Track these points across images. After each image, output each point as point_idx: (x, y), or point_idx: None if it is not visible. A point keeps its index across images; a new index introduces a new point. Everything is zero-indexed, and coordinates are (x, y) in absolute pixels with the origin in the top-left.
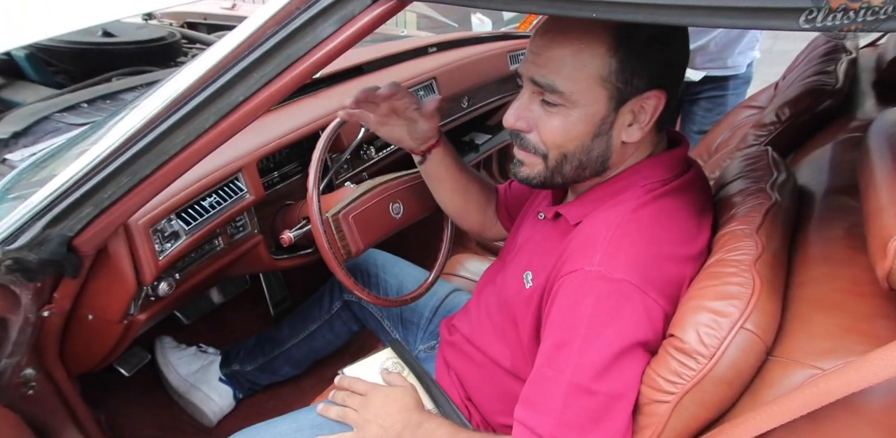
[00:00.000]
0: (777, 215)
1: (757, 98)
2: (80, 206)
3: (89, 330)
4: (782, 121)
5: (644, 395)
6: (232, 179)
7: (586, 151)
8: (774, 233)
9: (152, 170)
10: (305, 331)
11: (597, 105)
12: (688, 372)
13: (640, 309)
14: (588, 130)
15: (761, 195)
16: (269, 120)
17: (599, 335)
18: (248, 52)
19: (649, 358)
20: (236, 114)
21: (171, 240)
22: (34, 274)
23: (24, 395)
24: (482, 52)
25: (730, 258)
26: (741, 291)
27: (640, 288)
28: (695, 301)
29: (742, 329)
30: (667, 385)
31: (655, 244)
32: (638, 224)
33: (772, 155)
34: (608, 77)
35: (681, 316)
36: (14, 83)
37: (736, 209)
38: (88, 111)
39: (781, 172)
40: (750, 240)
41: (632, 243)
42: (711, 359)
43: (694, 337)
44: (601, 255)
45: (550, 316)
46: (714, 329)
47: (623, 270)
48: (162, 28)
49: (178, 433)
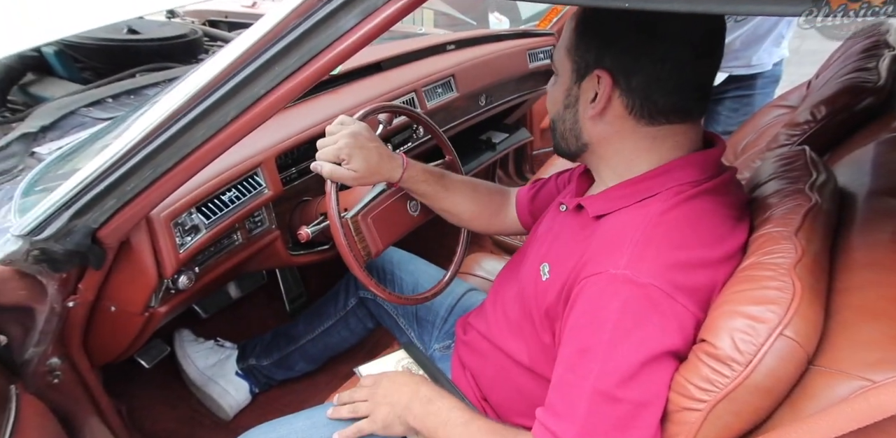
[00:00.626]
0: (817, 217)
1: (787, 97)
2: (103, 198)
3: (112, 322)
4: (818, 120)
5: (673, 402)
6: (251, 174)
7: (562, 120)
8: (814, 236)
9: (174, 163)
10: (321, 327)
11: (565, 75)
12: (721, 380)
13: (668, 316)
14: (560, 99)
15: (799, 196)
16: (289, 116)
17: (625, 341)
18: (270, 45)
19: (678, 365)
20: (258, 108)
21: (192, 234)
22: (60, 264)
23: (50, 384)
24: (501, 50)
25: (766, 261)
26: (780, 296)
27: (669, 293)
28: (729, 305)
29: (781, 336)
30: (698, 393)
31: (685, 247)
32: (667, 226)
33: (810, 154)
34: (571, 49)
35: (713, 321)
36: (43, 79)
37: (772, 211)
38: (113, 106)
39: (821, 173)
40: (788, 243)
41: (659, 246)
42: (747, 367)
43: (728, 343)
44: (627, 258)
45: (571, 318)
46: (750, 335)
47: (650, 274)
48: (184, 25)
49: (195, 426)
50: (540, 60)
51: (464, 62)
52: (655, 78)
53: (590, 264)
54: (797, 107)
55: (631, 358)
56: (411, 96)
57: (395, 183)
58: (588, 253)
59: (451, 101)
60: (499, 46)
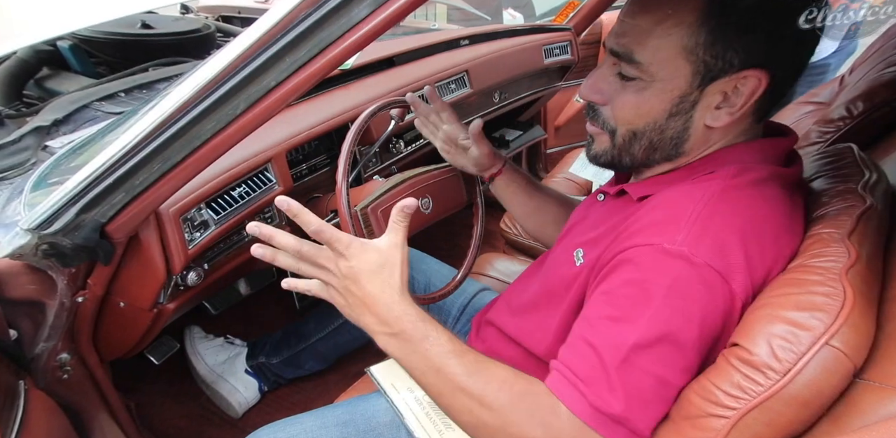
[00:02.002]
0: (871, 220)
1: (817, 93)
2: (112, 192)
3: (121, 317)
4: (854, 116)
5: (697, 407)
6: (261, 170)
7: (658, 131)
8: (867, 241)
9: (183, 156)
10: (331, 326)
11: (676, 80)
12: (754, 388)
13: (717, 300)
14: (663, 108)
15: (852, 197)
16: (299, 111)
17: (671, 321)
18: (281, 36)
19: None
20: (268, 100)
21: (201, 230)
22: (69, 259)
23: (60, 379)
24: (516, 45)
25: (815, 264)
26: (828, 303)
27: (724, 276)
28: (769, 309)
29: (827, 345)
30: (726, 399)
31: (747, 232)
32: (731, 204)
33: (858, 152)
34: (694, 49)
35: (749, 325)
36: (59, 73)
37: (821, 210)
38: (125, 100)
39: (873, 172)
40: (839, 246)
41: (722, 224)
42: (785, 376)
43: (765, 350)
44: (685, 234)
45: (606, 284)
46: (791, 342)
47: (708, 254)
48: (197, 21)
49: (204, 423)
50: (556, 56)
51: (478, 57)
52: (790, 75)
53: (639, 235)
54: (829, 104)
55: (673, 336)
56: (424, 92)
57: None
58: (633, 228)
59: (465, 97)
60: (514, 42)
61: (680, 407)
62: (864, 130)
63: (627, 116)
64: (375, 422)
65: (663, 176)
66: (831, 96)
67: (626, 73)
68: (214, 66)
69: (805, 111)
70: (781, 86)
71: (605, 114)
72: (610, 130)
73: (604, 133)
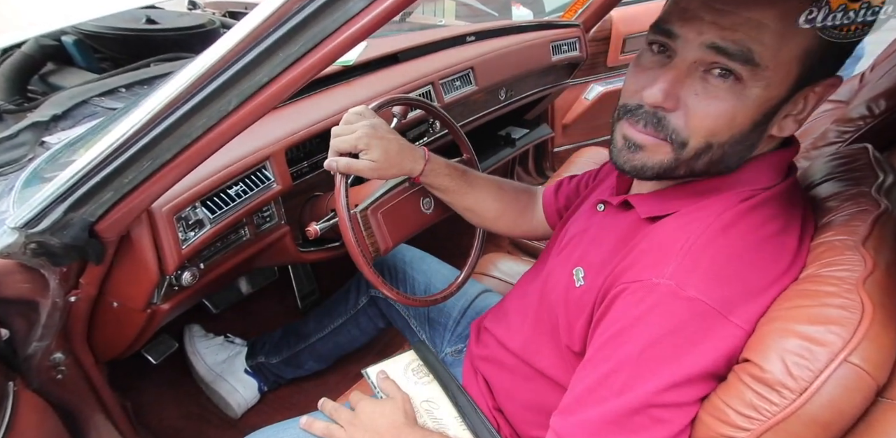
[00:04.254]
0: (887, 225)
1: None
2: (100, 191)
3: (115, 317)
4: (875, 116)
5: (708, 427)
6: (259, 168)
7: (737, 143)
8: (884, 247)
9: (174, 154)
10: (331, 326)
11: (782, 86)
12: (769, 408)
13: (714, 335)
14: (755, 118)
15: (864, 200)
16: (300, 108)
17: (661, 361)
18: (273, 30)
19: (715, 386)
20: (261, 96)
21: (196, 229)
22: (58, 258)
23: (54, 379)
24: (523, 42)
25: (828, 274)
26: (845, 316)
27: (718, 309)
28: (780, 322)
29: (845, 362)
30: (740, 420)
31: (746, 260)
32: (727, 235)
33: (873, 153)
34: (811, 53)
35: (760, 339)
36: (63, 69)
37: (831, 216)
38: (126, 96)
39: (888, 174)
40: (854, 254)
41: (714, 257)
42: (801, 395)
43: (779, 367)
44: (674, 267)
45: (603, 325)
46: (807, 359)
47: (698, 288)
48: (203, 16)
49: (203, 423)
50: (564, 53)
51: (484, 54)
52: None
53: (632, 269)
54: (847, 102)
55: (665, 379)
56: (428, 89)
57: (416, 177)
58: (631, 257)
59: (470, 95)
60: (521, 38)
61: (692, 428)
62: (885, 130)
63: (711, 126)
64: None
65: (673, 189)
66: (850, 94)
67: (735, 72)
68: (205, 62)
69: (822, 110)
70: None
71: (674, 122)
72: (679, 141)
73: (666, 143)
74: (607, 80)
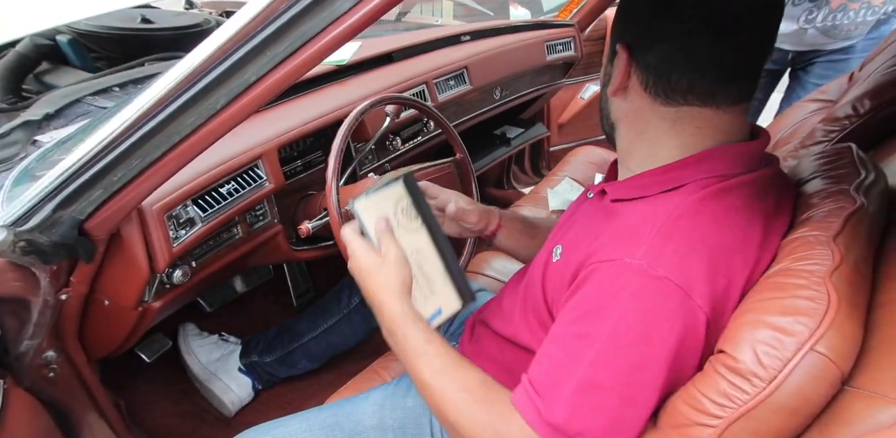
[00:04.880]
0: (861, 222)
1: (825, 90)
2: (89, 189)
3: (106, 316)
4: (860, 115)
5: (685, 416)
6: (251, 166)
7: (601, 100)
8: (856, 243)
9: (163, 152)
10: (324, 325)
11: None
12: (740, 396)
13: (678, 313)
14: (603, 80)
15: (843, 198)
16: (294, 107)
17: (627, 335)
18: (261, 29)
19: (679, 365)
20: (249, 95)
21: (187, 227)
22: (48, 256)
23: (46, 377)
24: (518, 42)
25: (798, 267)
26: (812, 307)
27: (684, 289)
28: (753, 314)
29: (812, 351)
30: (713, 408)
31: (708, 244)
32: (690, 220)
33: (857, 152)
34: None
35: (734, 331)
36: (58, 68)
37: (811, 212)
38: (119, 95)
39: (870, 172)
40: (824, 249)
41: (681, 240)
42: (771, 383)
43: (750, 357)
44: (645, 248)
45: (574, 300)
46: (776, 348)
47: (667, 267)
48: (198, 15)
49: (197, 421)
50: (558, 52)
51: (478, 53)
52: (667, 55)
53: (604, 249)
54: (836, 102)
55: (631, 352)
56: (422, 88)
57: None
58: (603, 238)
59: (464, 94)
60: (516, 38)
61: (668, 416)
62: (869, 129)
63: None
64: (362, 426)
65: (640, 177)
66: (839, 93)
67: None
68: (193, 60)
69: (812, 109)
70: (658, 67)
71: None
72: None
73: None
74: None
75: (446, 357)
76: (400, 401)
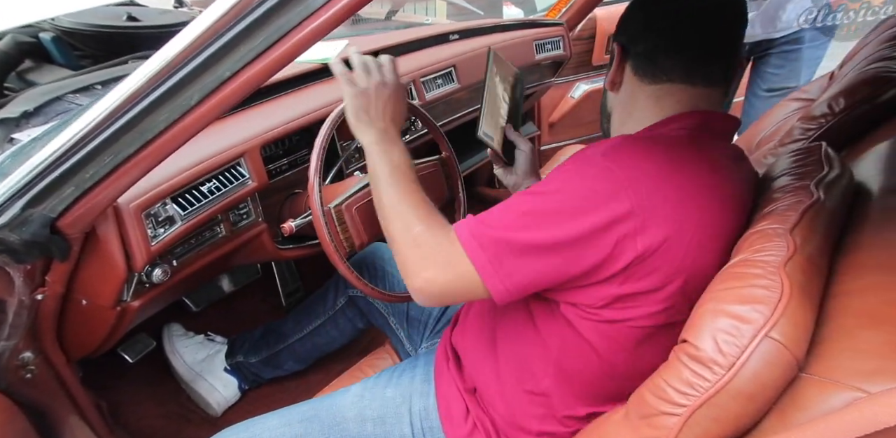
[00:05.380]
0: (818, 215)
1: (807, 90)
2: (60, 186)
3: (84, 316)
4: (835, 114)
5: (651, 405)
6: (233, 164)
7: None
8: (812, 235)
9: (136, 149)
10: (310, 327)
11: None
12: (702, 383)
13: (618, 194)
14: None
15: (801, 192)
16: (279, 105)
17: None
18: (234, 23)
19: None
20: (224, 91)
21: (166, 226)
22: (20, 255)
23: (23, 379)
24: (506, 40)
25: (757, 258)
26: (767, 295)
27: (629, 179)
28: (713, 304)
29: (767, 337)
30: (677, 397)
31: (657, 161)
32: (648, 141)
33: (825, 150)
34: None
35: (696, 320)
36: (41, 66)
37: (772, 207)
38: (101, 92)
39: (833, 169)
40: (780, 241)
41: (636, 148)
42: (730, 370)
43: (710, 345)
44: (605, 147)
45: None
46: (734, 336)
47: (619, 161)
48: (185, 14)
49: (182, 422)
50: (547, 51)
51: (466, 52)
52: (655, 42)
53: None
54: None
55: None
56: (409, 87)
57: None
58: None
59: (452, 93)
60: (504, 36)
61: (636, 406)
62: (844, 128)
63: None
64: (341, 417)
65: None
66: (820, 92)
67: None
68: (165, 55)
69: (794, 108)
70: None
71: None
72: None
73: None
74: (593, 79)
75: (413, 176)
76: (379, 392)
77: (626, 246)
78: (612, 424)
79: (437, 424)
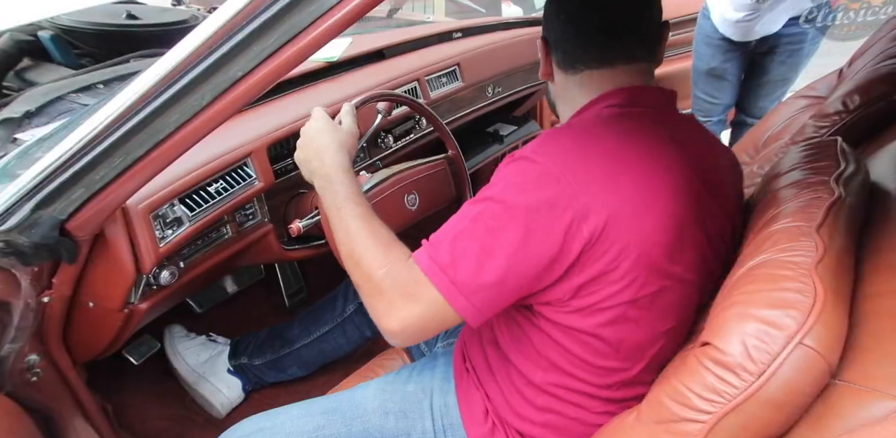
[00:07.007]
0: (841, 213)
1: (815, 87)
2: (70, 188)
3: (91, 318)
4: (850, 111)
5: (670, 410)
6: (240, 165)
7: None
8: (837, 234)
9: (147, 150)
10: (317, 333)
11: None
12: (729, 390)
13: (548, 189)
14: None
15: (822, 188)
16: (285, 104)
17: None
18: (247, 23)
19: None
20: (235, 91)
21: (174, 227)
22: (28, 257)
23: (29, 382)
24: (510, 38)
25: (785, 258)
26: (800, 300)
27: (559, 173)
28: (741, 307)
29: (800, 344)
30: (701, 403)
31: (585, 149)
32: (575, 129)
33: (841, 145)
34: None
35: (722, 323)
36: (40, 65)
37: (789, 203)
38: (103, 92)
39: (850, 164)
40: (808, 240)
41: (563, 140)
42: (760, 377)
43: (739, 350)
44: (533, 146)
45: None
46: (765, 342)
47: (546, 156)
48: (184, 12)
49: (187, 424)
50: None
51: (470, 50)
52: (563, 31)
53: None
54: (826, 98)
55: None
56: (413, 85)
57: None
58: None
59: (456, 91)
60: (508, 34)
61: (651, 410)
62: (859, 125)
63: None
64: (363, 409)
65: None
66: (829, 90)
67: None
68: (177, 55)
69: (802, 105)
70: (561, 46)
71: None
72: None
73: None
74: None
75: (368, 208)
76: (401, 387)
77: (575, 235)
78: (625, 428)
79: (457, 421)
